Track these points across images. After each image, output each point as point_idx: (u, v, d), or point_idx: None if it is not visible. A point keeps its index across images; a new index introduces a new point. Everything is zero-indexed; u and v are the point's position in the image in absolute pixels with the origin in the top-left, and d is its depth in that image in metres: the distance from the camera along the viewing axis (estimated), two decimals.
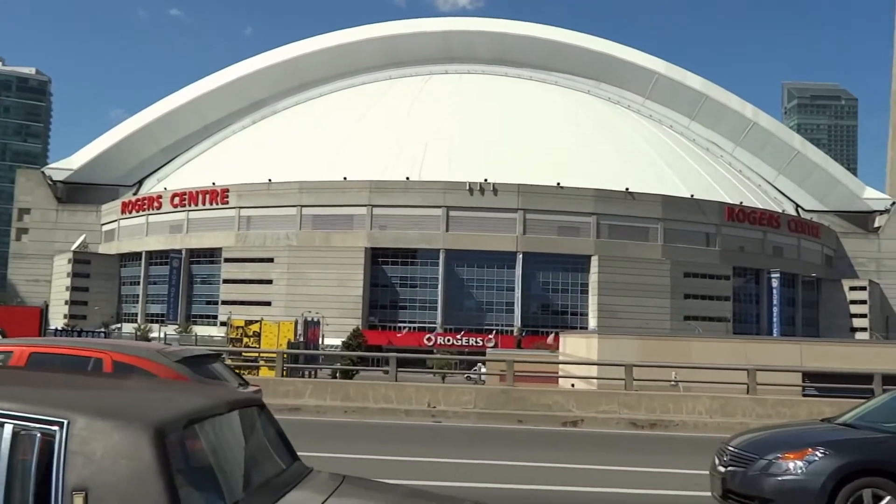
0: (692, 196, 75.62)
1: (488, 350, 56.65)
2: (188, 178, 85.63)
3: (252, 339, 54.35)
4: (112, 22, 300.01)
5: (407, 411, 15.93)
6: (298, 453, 3.63)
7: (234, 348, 40.25)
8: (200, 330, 71.37)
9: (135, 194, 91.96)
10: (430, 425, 15.06)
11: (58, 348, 8.01)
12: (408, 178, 72.33)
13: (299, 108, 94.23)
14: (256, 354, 37.75)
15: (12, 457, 2.56)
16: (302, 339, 48.19)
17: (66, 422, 2.63)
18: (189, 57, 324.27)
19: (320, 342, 53.36)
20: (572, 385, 23.97)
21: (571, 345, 28.06)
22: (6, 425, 2.60)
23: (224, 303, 73.89)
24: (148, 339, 58.65)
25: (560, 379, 25.46)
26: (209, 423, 3.02)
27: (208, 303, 77.10)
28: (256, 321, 55.52)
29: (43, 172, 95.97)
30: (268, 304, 70.44)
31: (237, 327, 55.85)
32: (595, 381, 21.18)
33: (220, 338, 56.75)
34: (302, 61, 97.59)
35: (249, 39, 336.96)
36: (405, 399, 16.30)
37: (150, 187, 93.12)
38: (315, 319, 49.20)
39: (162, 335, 59.19)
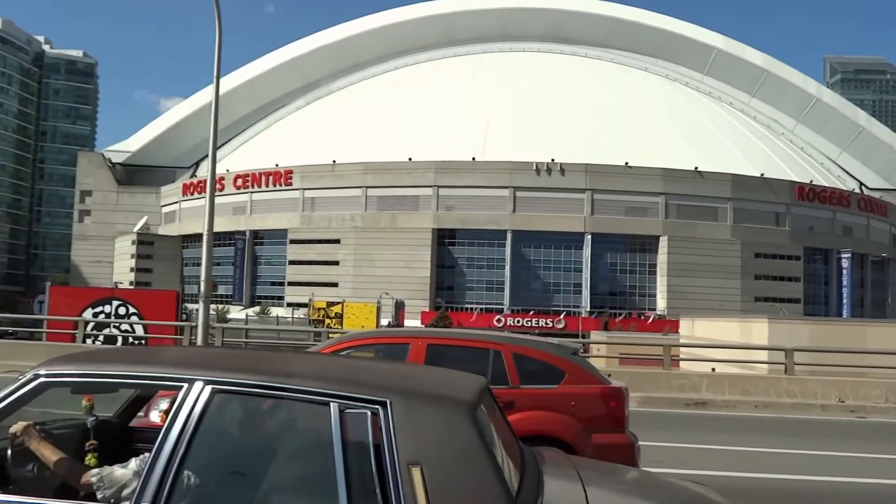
0: (762, 175, 74.22)
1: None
2: (246, 160, 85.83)
3: (334, 320, 54.77)
4: (132, 2, 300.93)
5: None
6: None
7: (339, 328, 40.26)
8: (249, 310, 71.83)
9: (192, 176, 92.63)
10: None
11: (455, 340, 7.75)
12: (473, 159, 71.80)
13: (354, 88, 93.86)
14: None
15: (343, 433, 2.71)
16: (395, 322, 48.24)
17: (387, 401, 2.76)
18: (210, 34, 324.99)
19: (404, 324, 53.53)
20: (713, 370, 23.56)
21: (704, 328, 27.54)
22: (331, 404, 2.75)
23: (290, 284, 74.34)
24: (226, 321, 59.13)
25: (681, 363, 24.99)
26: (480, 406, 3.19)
27: (273, 284, 77.58)
28: (338, 302, 55.87)
29: (103, 155, 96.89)
30: (335, 285, 70.76)
31: (319, 308, 56.32)
32: (762, 366, 20.71)
33: (301, 318, 57.01)
34: (356, 41, 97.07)
35: (272, 17, 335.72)
36: None
37: (207, 169, 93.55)
38: (400, 301, 49.30)
39: (243, 316, 59.61)
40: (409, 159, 71.85)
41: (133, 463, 2.95)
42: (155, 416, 7.75)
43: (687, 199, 71.36)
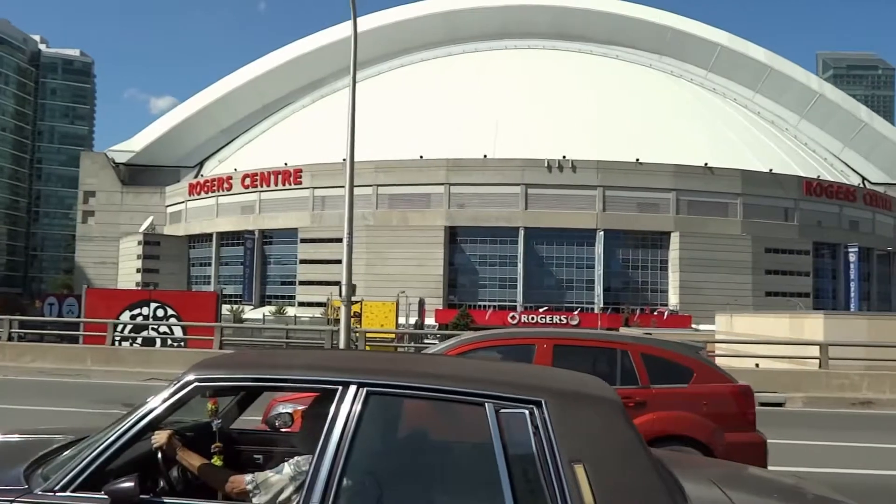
0: (770, 170, 74.59)
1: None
2: (252, 159, 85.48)
3: (353, 319, 54.52)
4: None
5: None
6: None
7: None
8: (265, 310, 71.60)
9: (196, 175, 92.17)
10: None
11: (581, 341, 7.76)
12: (485, 156, 71.79)
13: (360, 86, 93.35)
14: (392, 335, 37.70)
15: (501, 432, 2.76)
16: (419, 320, 48.20)
17: (542, 401, 2.83)
18: (204, 32, 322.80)
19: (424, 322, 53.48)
20: (756, 365, 23.68)
21: (746, 324, 27.67)
22: (486, 405, 2.80)
23: (301, 283, 74.11)
24: (242, 321, 58.94)
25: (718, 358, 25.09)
26: None
27: (283, 283, 77.33)
28: (357, 301, 55.62)
29: (106, 155, 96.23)
30: None
31: (337, 308, 56.07)
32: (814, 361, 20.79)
33: (318, 318, 56.82)
34: (361, 39, 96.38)
35: (263, 15, 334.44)
36: None
37: (212, 168, 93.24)
38: (421, 300, 49.30)
39: (259, 316, 59.40)
40: (420, 157, 71.76)
41: (287, 468, 2.96)
42: (277, 422, 7.73)
43: (698, 194, 71.65)
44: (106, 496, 2.74)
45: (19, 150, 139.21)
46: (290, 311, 70.49)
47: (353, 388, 2.87)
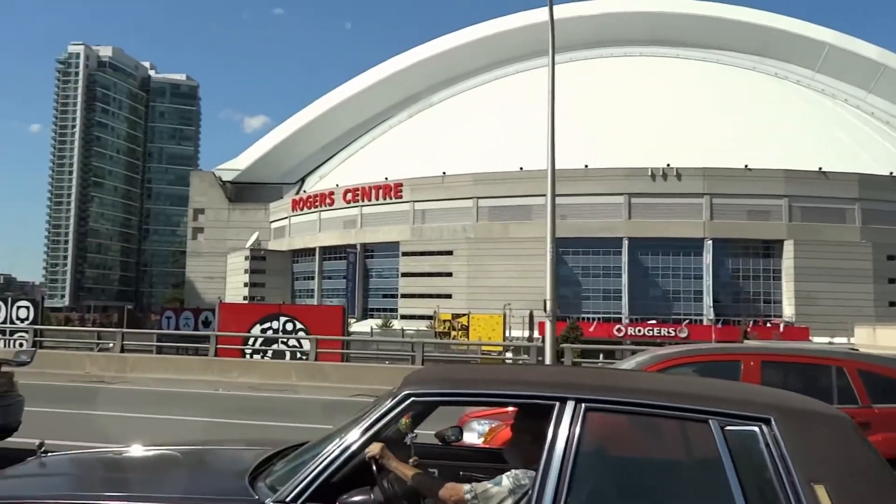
0: (891, 174, 70.69)
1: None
2: (352, 174, 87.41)
3: (460, 332, 54.82)
4: (219, 24, 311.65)
5: None
6: None
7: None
8: (372, 322, 72.66)
9: (298, 192, 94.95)
10: None
11: (791, 357, 7.29)
12: (586, 167, 70.95)
13: (457, 99, 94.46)
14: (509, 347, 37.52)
15: (730, 450, 2.66)
16: (532, 333, 47.93)
17: (771, 418, 2.70)
18: (293, 54, 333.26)
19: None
20: None
21: (890, 336, 26.13)
22: (710, 422, 2.71)
23: (403, 296, 75.07)
24: (350, 334, 59.96)
25: None
26: None
27: (385, 296, 78.52)
28: (464, 314, 55.93)
29: (213, 174, 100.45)
30: (448, 296, 71.00)
31: (445, 321, 56.55)
32: None
33: (425, 331, 57.33)
34: (454, 53, 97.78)
35: (350, 33, 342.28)
36: None
37: (313, 184, 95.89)
38: (531, 312, 48.86)
39: (367, 329, 60.45)
40: (521, 168, 71.57)
41: (506, 480, 2.94)
42: (473, 438, 7.58)
43: (811, 200, 68.62)
44: None
45: (132, 171, 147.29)
46: (404, 324, 71.37)
47: (570, 404, 2.85)
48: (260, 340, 28.03)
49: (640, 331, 65.31)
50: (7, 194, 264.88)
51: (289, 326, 28.34)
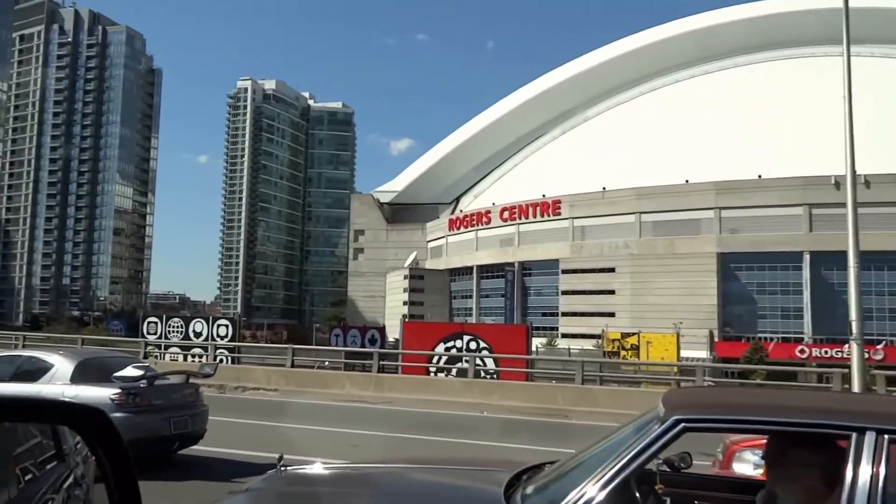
0: None
1: None
2: (507, 192, 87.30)
3: (630, 352, 52.80)
4: (366, 53, 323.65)
5: None
6: None
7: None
8: (536, 341, 71.58)
9: (452, 212, 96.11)
10: None
11: None
12: (759, 176, 66.75)
13: (612, 113, 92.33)
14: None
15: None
16: (712, 354, 45.40)
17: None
18: (436, 76, 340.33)
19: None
20: None
21: None
22: (867, 433, 2.61)
23: (564, 314, 73.69)
24: None
25: None
26: None
27: (544, 314, 77.43)
28: (634, 333, 53.92)
29: (372, 196, 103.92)
30: (611, 314, 68.86)
31: (613, 340, 54.76)
32: None
33: (592, 350, 55.78)
34: (607, 67, 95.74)
35: (492, 52, 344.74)
36: None
37: (468, 203, 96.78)
38: (710, 332, 46.37)
39: (533, 347, 59.73)
40: (686, 181, 68.50)
41: None
42: (746, 468, 6.43)
43: None
44: None
45: (293, 196, 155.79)
46: (569, 343, 70.08)
47: (870, 436, 2.61)
48: (444, 359, 28.22)
49: (826, 352, 60.06)
50: (181, 222, 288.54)
51: (472, 345, 28.33)
